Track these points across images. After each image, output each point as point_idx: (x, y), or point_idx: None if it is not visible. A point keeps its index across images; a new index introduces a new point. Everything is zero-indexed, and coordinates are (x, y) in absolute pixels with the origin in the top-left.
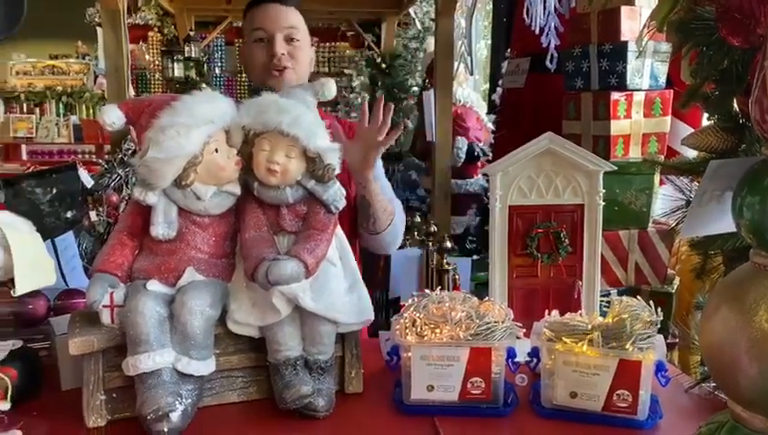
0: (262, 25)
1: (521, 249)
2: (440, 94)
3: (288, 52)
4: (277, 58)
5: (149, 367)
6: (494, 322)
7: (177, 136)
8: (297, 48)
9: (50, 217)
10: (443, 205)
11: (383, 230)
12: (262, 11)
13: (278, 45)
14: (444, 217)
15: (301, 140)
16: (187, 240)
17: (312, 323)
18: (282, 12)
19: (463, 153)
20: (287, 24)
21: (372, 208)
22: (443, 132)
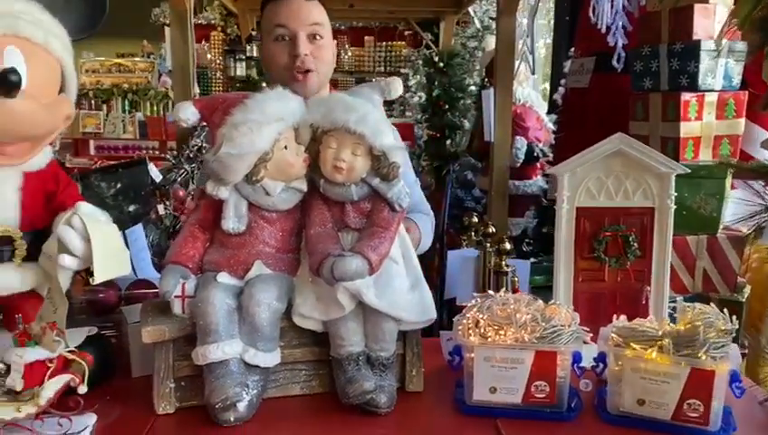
0: (284, 22)
1: (587, 252)
2: (500, 93)
3: (311, 51)
4: (300, 60)
5: (218, 357)
6: (560, 325)
7: (249, 133)
8: (321, 47)
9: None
10: (500, 206)
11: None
12: (284, 6)
13: (301, 45)
14: (501, 218)
15: (367, 137)
16: (256, 234)
17: (375, 320)
18: (305, 7)
19: (522, 153)
20: (311, 20)
21: None
22: (502, 132)
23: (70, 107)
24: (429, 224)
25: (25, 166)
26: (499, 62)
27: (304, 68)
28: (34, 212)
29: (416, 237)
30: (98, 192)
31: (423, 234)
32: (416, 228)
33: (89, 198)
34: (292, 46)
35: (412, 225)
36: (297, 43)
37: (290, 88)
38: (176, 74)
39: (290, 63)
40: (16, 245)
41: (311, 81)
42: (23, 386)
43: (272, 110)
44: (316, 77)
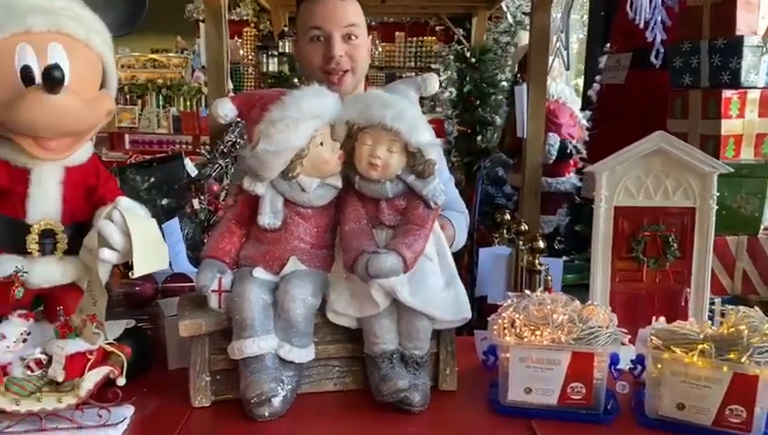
0: (319, 24)
1: (625, 252)
2: (533, 89)
3: (346, 52)
4: (335, 61)
5: (254, 352)
6: (597, 326)
7: (286, 129)
8: (356, 47)
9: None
10: (532, 203)
11: None
12: (319, 6)
13: (336, 47)
14: (533, 215)
15: (403, 134)
16: (291, 230)
17: (409, 318)
18: (340, 7)
19: (555, 150)
20: (346, 21)
21: None
22: (535, 128)
23: (111, 102)
24: (464, 221)
25: (67, 160)
26: (533, 57)
27: (339, 69)
28: (76, 206)
29: (450, 235)
30: (133, 185)
31: (457, 231)
32: (450, 226)
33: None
34: (327, 47)
35: (446, 222)
36: (332, 45)
37: None
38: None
39: (324, 65)
40: (58, 238)
41: (346, 81)
42: (64, 377)
43: (308, 107)
44: (351, 77)
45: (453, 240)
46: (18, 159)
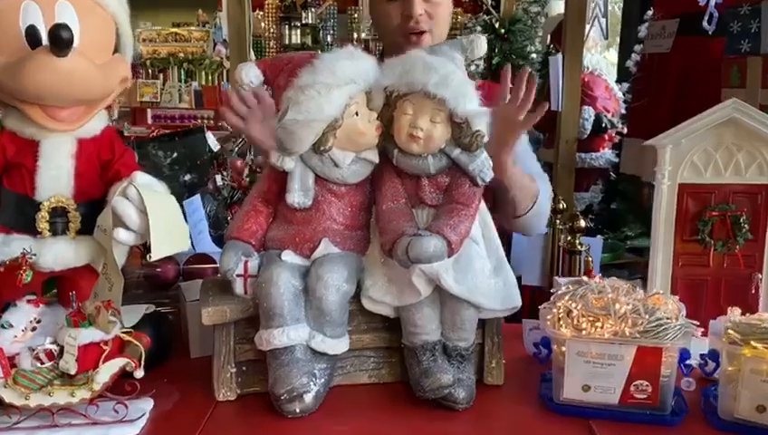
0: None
1: (689, 234)
2: (569, 61)
3: (426, 11)
4: (414, 20)
5: (283, 343)
6: (665, 318)
7: (317, 96)
8: (437, 5)
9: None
10: (567, 180)
11: (524, 214)
12: None
13: (416, 5)
14: (567, 192)
15: (448, 102)
16: (323, 210)
17: (453, 307)
18: None
19: (589, 124)
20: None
21: (512, 194)
22: (570, 102)
23: (126, 68)
24: (548, 192)
25: (80, 132)
26: (569, 26)
27: (418, 29)
28: (89, 181)
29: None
30: (155, 161)
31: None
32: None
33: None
34: (406, 5)
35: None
36: (411, 3)
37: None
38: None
39: (403, 24)
40: (70, 217)
41: (425, 43)
42: (76, 370)
43: (343, 71)
44: (430, 39)
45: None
46: (26, 130)
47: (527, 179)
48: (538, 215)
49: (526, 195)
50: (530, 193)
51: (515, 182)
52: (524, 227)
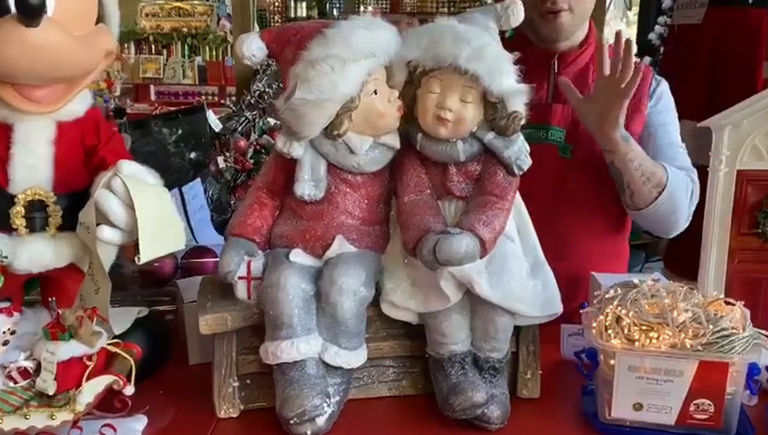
0: None
1: (748, 227)
2: None
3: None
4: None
5: (293, 357)
6: (731, 328)
7: (330, 72)
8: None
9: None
10: None
11: (647, 207)
12: None
13: None
14: None
15: (482, 79)
16: (336, 202)
17: (486, 314)
18: None
19: None
20: None
21: (627, 178)
22: None
23: (110, 40)
24: (685, 184)
25: (59, 114)
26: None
27: (557, 7)
28: (71, 170)
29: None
30: (159, 139)
31: (671, 181)
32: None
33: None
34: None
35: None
36: None
37: (539, 30)
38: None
39: (540, 2)
40: (50, 211)
41: (562, 23)
42: (56, 389)
43: (360, 42)
44: (569, 18)
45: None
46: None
47: (649, 164)
48: (663, 212)
49: (647, 182)
50: (653, 181)
51: (628, 163)
52: (653, 224)
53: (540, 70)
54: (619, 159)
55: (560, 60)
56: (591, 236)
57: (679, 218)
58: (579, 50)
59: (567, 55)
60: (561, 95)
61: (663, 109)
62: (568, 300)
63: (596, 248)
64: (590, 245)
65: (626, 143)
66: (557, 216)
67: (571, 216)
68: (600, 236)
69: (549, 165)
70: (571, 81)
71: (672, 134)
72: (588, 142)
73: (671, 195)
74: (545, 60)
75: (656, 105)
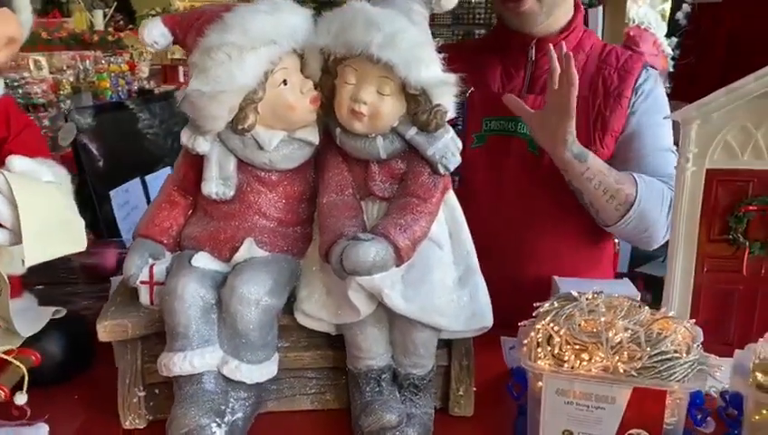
0: None
1: (718, 232)
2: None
3: None
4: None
5: (186, 371)
6: (673, 351)
7: (227, 61)
8: None
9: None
10: None
11: (613, 224)
12: None
13: None
14: None
15: (398, 68)
16: (249, 202)
17: (404, 328)
18: None
19: None
20: None
21: (587, 197)
22: None
23: (12, 25)
24: (661, 197)
25: None
26: None
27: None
28: None
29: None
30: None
31: (641, 196)
32: (629, 183)
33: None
34: None
35: (626, 179)
36: None
37: (505, 20)
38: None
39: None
40: None
41: (527, 8)
42: None
43: (258, 29)
44: (536, 5)
45: (628, 203)
46: None
47: (611, 181)
48: (639, 226)
49: (611, 200)
50: (618, 198)
51: (587, 184)
52: (626, 238)
53: (516, 58)
54: (575, 178)
55: (537, 47)
56: (565, 238)
57: (654, 234)
58: (559, 35)
59: (545, 41)
60: (537, 86)
61: (652, 106)
62: None
63: (571, 251)
64: (563, 247)
65: (580, 162)
66: (527, 215)
67: (542, 216)
68: (576, 238)
69: (517, 161)
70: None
71: (661, 138)
72: None
73: (641, 212)
74: (522, 47)
75: (644, 102)
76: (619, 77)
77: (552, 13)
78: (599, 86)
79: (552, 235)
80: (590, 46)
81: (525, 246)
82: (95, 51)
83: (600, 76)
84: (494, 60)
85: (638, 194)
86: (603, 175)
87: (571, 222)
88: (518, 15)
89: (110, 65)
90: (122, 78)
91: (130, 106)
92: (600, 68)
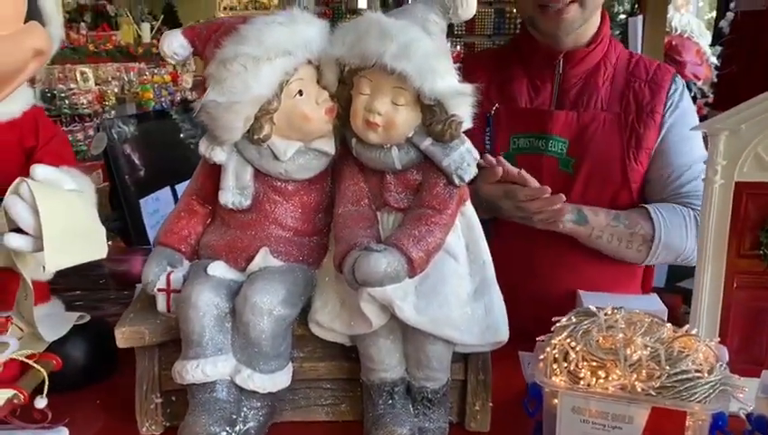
0: None
1: (749, 247)
2: (650, 21)
3: None
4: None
5: (198, 378)
6: (694, 371)
7: (242, 72)
8: None
9: None
10: None
11: (643, 262)
12: None
13: None
14: None
15: (411, 79)
16: (265, 212)
17: (416, 340)
18: None
19: None
20: None
21: (606, 251)
22: None
23: (40, 38)
24: (679, 218)
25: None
26: None
27: (558, 4)
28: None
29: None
30: None
31: (663, 232)
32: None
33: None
34: None
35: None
36: None
37: (539, 25)
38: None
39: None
40: None
41: (568, 16)
42: None
43: (273, 40)
44: (578, 11)
45: (650, 242)
46: None
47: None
48: (668, 257)
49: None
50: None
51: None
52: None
53: (543, 71)
54: (586, 241)
55: (566, 59)
56: (594, 254)
57: (689, 256)
58: (587, 48)
59: (574, 54)
60: (566, 100)
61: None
62: None
63: (599, 267)
64: (591, 262)
65: (582, 226)
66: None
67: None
68: (608, 257)
69: (548, 179)
70: (578, 83)
71: (690, 152)
72: (594, 156)
73: (666, 245)
74: (549, 59)
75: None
76: (651, 91)
77: (588, 19)
78: (630, 101)
79: (582, 251)
80: (617, 57)
81: (554, 261)
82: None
83: (631, 90)
84: (519, 72)
85: (656, 230)
86: (612, 227)
87: None
88: (558, 22)
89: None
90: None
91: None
92: (629, 81)
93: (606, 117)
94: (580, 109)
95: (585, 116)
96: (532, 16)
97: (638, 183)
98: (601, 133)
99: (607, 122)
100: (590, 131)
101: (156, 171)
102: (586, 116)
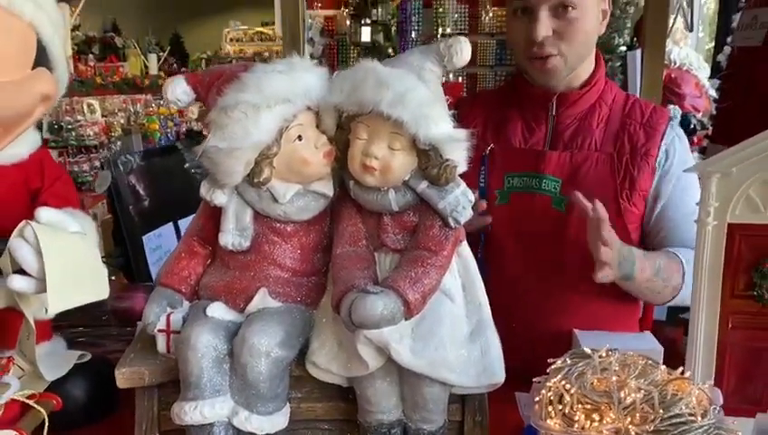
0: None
1: (743, 288)
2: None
3: (556, 30)
4: (537, 45)
5: (196, 420)
6: (688, 414)
7: (243, 119)
8: (571, 23)
9: None
10: None
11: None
12: None
13: (540, 27)
14: None
15: (407, 125)
16: (264, 253)
17: (413, 383)
18: None
19: None
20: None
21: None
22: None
23: (48, 83)
24: None
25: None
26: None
27: (543, 53)
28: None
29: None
30: None
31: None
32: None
33: None
34: (530, 27)
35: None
36: (534, 25)
37: (530, 75)
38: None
39: (527, 47)
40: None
41: (554, 66)
42: None
43: (273, 88)
44: (561, 63)
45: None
46: None
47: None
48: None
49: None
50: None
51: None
52: None
53: (538, 112)
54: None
55: (559, 101)
56: (591, 292)
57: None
58: (581, 90)
59: (567, 96)
60: (560, 141)
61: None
62: None
63: (597, 305)
64: (588, 301)
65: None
66: (552, 271)
67: (568, 271)
68: (601, 292)
69: (542, 218)
70: (572, 124)
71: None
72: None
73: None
74: (543, 102)
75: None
76: (645, 134)
77: (574, 68)
78: (624, 143)
79: (578, 289)
80: (612, 99)
81: (550, 300)
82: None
83: (626, 132)
84: (513, 114)
85: (684, 280)
86: (651, 282)
87: None
88: (543, 72)
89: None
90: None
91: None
92: (624, 123)
93: (599, 157)
94: (574, 149)
95: (578, 156)
96: (523, 64)
97: (634, 224)
98: (594, 173)
99: (599, 163)
100: (583, 171)
101: (160, 203)
102: (579, 156)
